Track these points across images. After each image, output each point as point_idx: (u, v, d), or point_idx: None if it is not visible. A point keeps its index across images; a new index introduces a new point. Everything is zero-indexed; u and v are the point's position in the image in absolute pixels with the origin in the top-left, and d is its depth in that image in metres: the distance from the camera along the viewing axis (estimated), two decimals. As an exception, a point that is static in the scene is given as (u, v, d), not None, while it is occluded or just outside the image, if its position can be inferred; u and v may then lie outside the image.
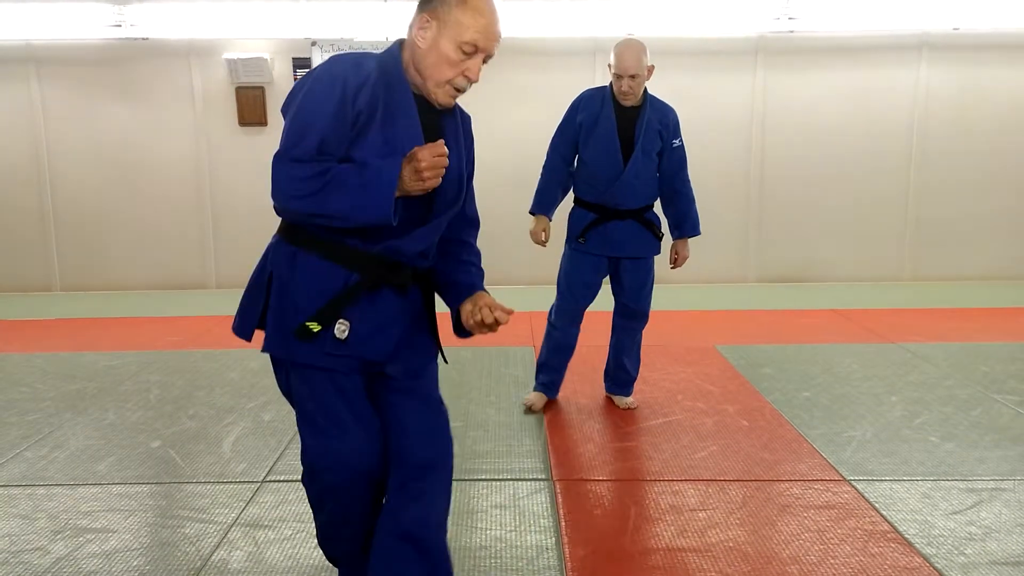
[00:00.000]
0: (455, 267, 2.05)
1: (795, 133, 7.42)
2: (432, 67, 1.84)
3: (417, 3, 1.88)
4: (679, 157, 3.68)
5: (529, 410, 3.84)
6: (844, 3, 7.02)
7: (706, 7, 7.03)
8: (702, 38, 7.22)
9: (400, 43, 1.92)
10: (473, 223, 2.12)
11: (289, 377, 1.97)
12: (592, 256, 3.69)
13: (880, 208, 7.53)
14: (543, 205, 3.71)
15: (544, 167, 3.72)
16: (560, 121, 3.68)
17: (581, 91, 3.72)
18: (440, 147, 1.76)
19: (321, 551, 2.14)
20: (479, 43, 1.83)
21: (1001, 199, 7.49)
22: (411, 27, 1.87)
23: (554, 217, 3.78)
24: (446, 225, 1.98)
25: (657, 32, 7.10)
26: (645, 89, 3.60)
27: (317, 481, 1.97)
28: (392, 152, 1.80)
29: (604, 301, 3.85)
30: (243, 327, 1.99)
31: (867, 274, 7.60)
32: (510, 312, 1.89)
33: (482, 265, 2.10)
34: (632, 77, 3.45)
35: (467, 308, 1.95)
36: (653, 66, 3.53)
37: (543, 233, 3.68)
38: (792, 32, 7.14)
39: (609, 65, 3.52)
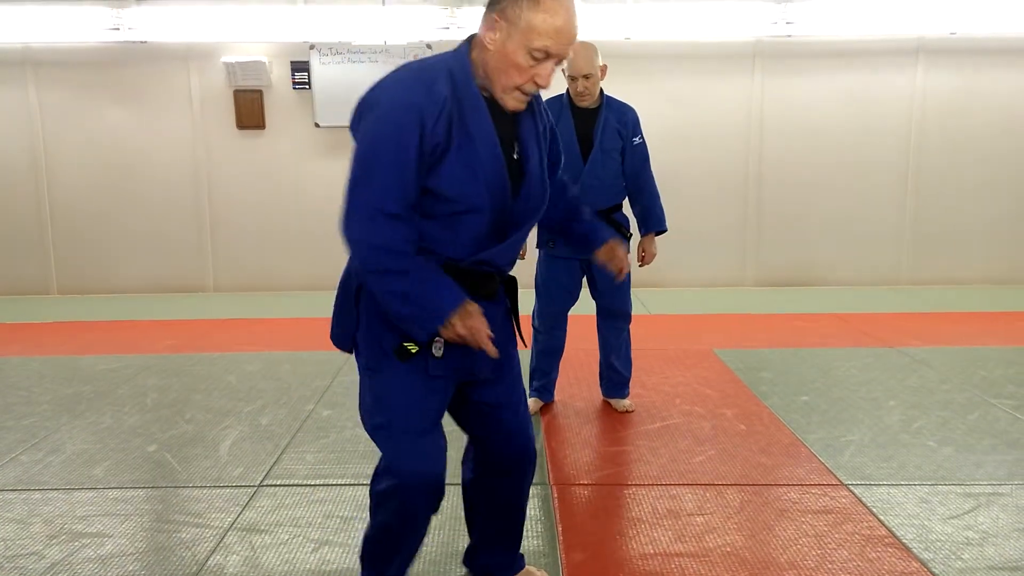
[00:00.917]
0: (585, 224, 2.26)
1: (793, 137, 7.44)
2: (500, 72, 1.77)
3: (487, 1, 1.79)
4: (641, 154, 3.72)
5: None
6: (841, 8, 7.04)
7: (704, 12, 7.04)
8: (700, 42, 7.24)
9: (470, 40, 1.84)
10: (568, 185, 2.23)
11: (373, 385, 1.95)
12: (564, 260, 3.72)
13: (877, 212, 7.54)
14: None
15: None
16: None
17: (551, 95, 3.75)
18: (478, 324, 1.79)
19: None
20: (551, 49, 1.73)
21: (998, 203, 7.50)
22: (481, 24, 1.79)
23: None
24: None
25: (655, 36, 7.12)
26: (601, 90, 3.66)
27: (398, 488, 1.92)
28: (474, 176, 1.79)
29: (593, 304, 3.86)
30: (343, 338, 1.98)
31: (865, 278, 7.60)
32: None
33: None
34: (586, 77, 3.51)
35: (605, 256, 2.23)
36: (606, 66, 3.60)
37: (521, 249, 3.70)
38: (790, 36, 7.16)
39: (563, 69, 3.56)
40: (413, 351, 1.84)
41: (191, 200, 7.49)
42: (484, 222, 1.84)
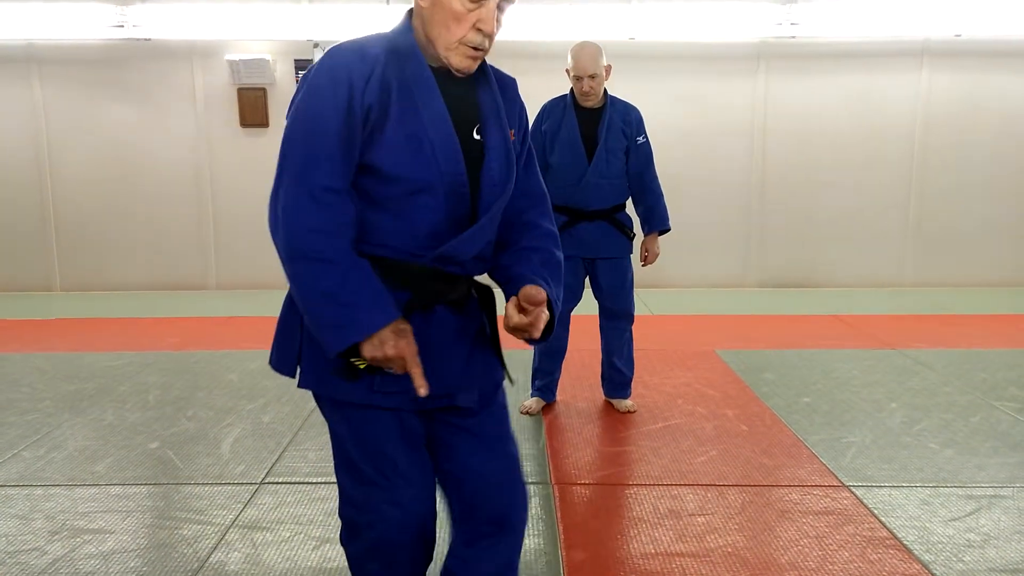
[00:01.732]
0: (514, 258, 1.73)
1: (797, 138, 7.43)
2: (439, 26, 1.55)
3: None
4: (645, 153, 3.73)
5: (527, 414, 3.85)
6: (846, 9, 7.03)
7: (709, 12, 7.04)
8: (705, 43, 7.23)
9: (410, 12, 1.64)
10: (536, 198, 1.79)
11: (332, 417, 1.68)
12: (567, 259, 3.71)
13: (881, 213, 7.53)
14: None
15: None
16: None
17: (556, 95, 3.76)
18: (410, 347, 1.50)
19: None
20: None
21: (1001, 205, 7.50)
22: None
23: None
24: (503, 212, 1.70)
25: (661, 37, 7.12)
26: (605, 90, 3.68)
27: (361, 539, 1.66)
28: (419, 148, 1.54)
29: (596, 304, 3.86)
30: (281, 362, 1.71)
31: (868, 279, 7.60)
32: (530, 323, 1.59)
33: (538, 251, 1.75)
34: (591, 77, 3.53)
35: (523, 298, 1.57)
36: (610, 66, 3.62)
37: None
38: (794, 37, 7.15)
39: (567, 69, 3.57)
40: (361, 367, 1.54)
41: (194, 197, 7.50)
42: (439, 208, 1.58)
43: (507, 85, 1.74)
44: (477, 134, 1.63)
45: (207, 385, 4.36)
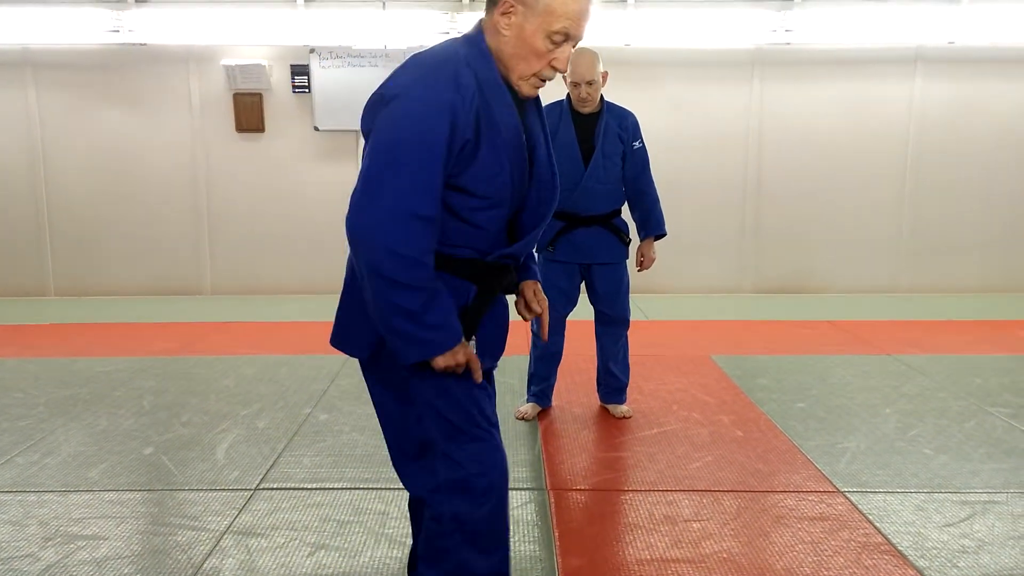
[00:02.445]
0: None
1: (791, 144, 7.45)
2: (518, 58, 1.70)
3: None
4: (641, 159, 3.74)
5: (523, 419, 3.84)
6: (840, 16, 7.06)
7: (704, 19, 7.06)
8: (701, 49, 7.26)
9: (481, 27, 1.76)
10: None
11: (412, 389, 1.84)
12: (562, 264, 3.73)
13: (876, 220, 7.55)
14: None
15: None
16: None
17: (552, 101, 3.77)
18: (474, 357, 1.77)
19: None
20: (570, 30, 1.68)
21: (995, 212, 7.53)
22: (491, 9, 1.72)
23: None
24: None
25: (656, 43, 7.14)
26: (602, 96, 3.68)
27: (470, 493, 1.82)
28: (500, 172, 1.73)
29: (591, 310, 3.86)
30: (352, 345, 1.90)
31: (863, 286, 7.62)
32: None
33: None
34: (588, 83, 3.54)
35: (529, 294, 1.96)
36: (607, 72, 3.63)
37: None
38: (789, 44, 7.18)
39: (564, 76, 3.57)
40: None
41: (190, 203, 7.49)
42: (505, 216, 1.80)
43: (536, 99, 1.90)
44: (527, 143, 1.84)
45: (202, 390, 4.35)
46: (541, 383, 3.94)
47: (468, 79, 1.67)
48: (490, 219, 1.77)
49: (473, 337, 1.83)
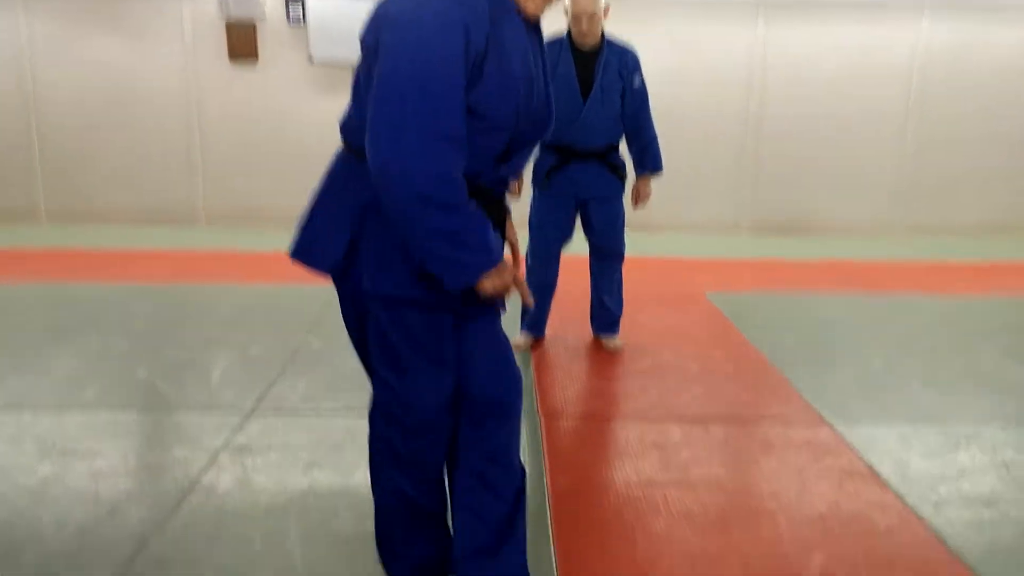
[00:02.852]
0: None
1: (794, 84, 7.37)
2: None
3: None
4: (640, 96, 3.70)
5: (516, 349, 3.87)
6: (848, -50, 6.91)
7: (708, -50, 6.91)
8: (703, -16, 7.12)
9: None
10: None
11: (378, 316, 1.77)
12: (558, 197, 3.71)
13: (875, 160, 7.52)
14: None
15: None
16: None
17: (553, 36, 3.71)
18: (508, 277, 1.68)
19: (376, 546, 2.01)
20: None
21: (996, 154, 7.50)
22: None
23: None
24: None
25: (657, -25, 6.99)
26: (603, 32, 3.62)
27: (397, 424, 1.82)
28: (507, 92, 1.65)
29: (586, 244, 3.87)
30: (318, 258, 1.85)
31: (860, 226, 7.62)
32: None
33: None
34: (590, 17, 3.48)
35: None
36: (609, 6, 3.56)
37: (516, 185, 3.68)
38: (794, -20, 7.04)
39: (565, 9, 3.52)
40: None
41: (182, 131, 7.40)
42: (505, 139, 1.72)
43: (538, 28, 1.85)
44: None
45: (195, 316, 4.37)
46: (536, 314, 3.97)
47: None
48: (488, 142, 1.70)
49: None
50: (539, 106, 1.80)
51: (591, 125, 3.63)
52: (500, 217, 1.82)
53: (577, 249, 4.00)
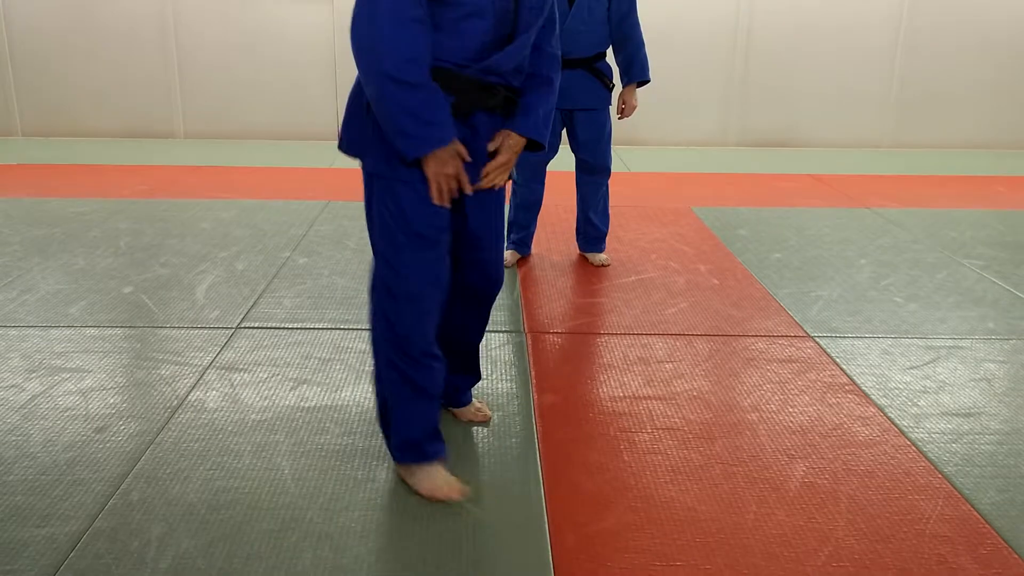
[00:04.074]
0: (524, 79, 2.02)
1: (785, -8, 7.18)
2: None
3: None
4: (627, 0, 3.59)
5: None
6: None
7: None
8: None
9: None
10: (553, 22, 2.05)
11: (383, 195, 1.95)
12: None
13: (865, 73, 7.40)
14: None
15: None
16: None
17: None
18: (457, 166, 1.86)
19: (376, 396, 2.17)
20: None
21: (986, 67, 7.39)
22: None
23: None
24: (534, 42, 1.98)
25: None
26: None
27: (393, 295, 1.98)
28: None
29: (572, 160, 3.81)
30: (351, 145, 1.99)
31: (848, 140, 7.56)
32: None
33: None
34: None
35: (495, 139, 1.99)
36: None
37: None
38: None
39: None
40: None
41: (158, 40, 7.16)
42: (488, 29, 1.85)
43: None
44: None
45: (179, 233, 4.32)
46: (521, 231, 3.94)
47: None
48: (469, 29, 1.84)
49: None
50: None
51: (576, 31, 3.52)
52: (494, 103, 1.94)
53: (563, 165, 3.95)
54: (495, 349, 2.96)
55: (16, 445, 2.25)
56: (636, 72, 3.68)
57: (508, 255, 3.92)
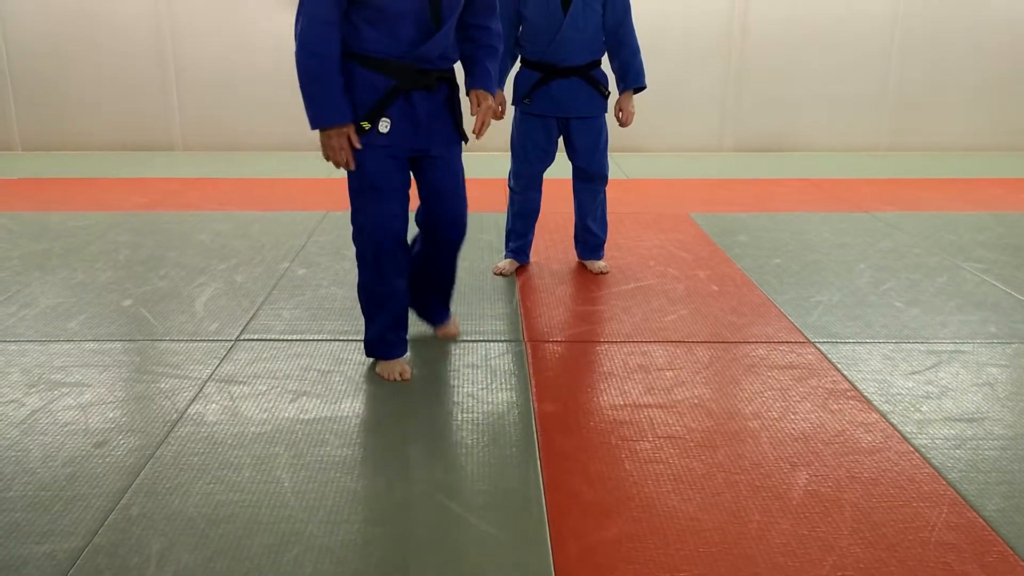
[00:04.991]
0: (476, 49, 2.69)
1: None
2: None
3: None
4: (622, 6, 3.58)
5: (500, 275, 3.86)
6: None
7: None
8: None
9: None
10: (490, 6, 2.66)
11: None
12: (540, 118, 3.64)
13: (861, 77, 7.41)
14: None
15: None
16: None
17: None
18: (342, 142, 2.50)
19: (360, 302, 2.83)
20: None
21: (982, 70, 7.40)
22: None
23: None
24: (461, 15, 2.57)
25: None
26: None
27: (363, 235, 2.67)
28: None
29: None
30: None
31: (845, 144, 7.57)
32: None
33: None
34: None
35: (472, 100, 2.68)
36: None
37: (500, 107, 3.58)
38: None
39: None
40: (366, 127, 2.50)
41: (156, 55, 7.18)
42: (412, 25, 2.45)
43: None
44: None
45: (178, 245, 4.31)
46: (519, 240, 3.94)
47: None
48: (398, 26, 2.45)
49: (386, 118, 2.51)
50: None
51: (572, 39, 3.51)
52: (427, 84, 2.55)
53: (560, 173, 3.95)
54: (495, 358, 2.95)
55: (16, 460, 2.24)
56: (632, 79, 3.68)
57: (507, 263, 3.91)
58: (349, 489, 2.12)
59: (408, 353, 2.88)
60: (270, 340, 3.10)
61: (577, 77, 3.59)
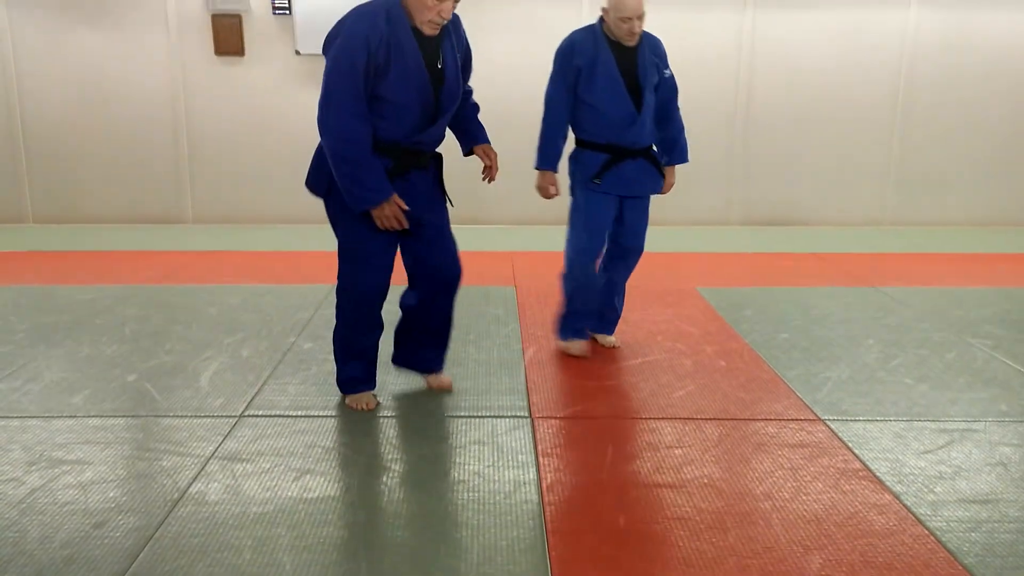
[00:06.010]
0: (463, 110, 3.08)
1: (782, 74, 7.34)
2: (417, 9, 2.70)
3: None
4: (671, 86, 3.67)
5: (576, 354, 3.77)
6: (836, -59, 6.88)
7: (696, -58, 6.86)
8: (691, -26, 7.07)
9: None
10: (468, 90, 3.10)
11: (344, 223, 2.90)
12: (607, 196, 3.63)
13: (864, 151, 7.51)
14: (549, 159, 3.61)
15: (545, 121, 3.59)
16: (552, 70, 3.57)
17: (571, 30, 3.63)
18: (397, 213, 2.80)
19: (336, 361, 3.16)
20: None
21: (985, 144, 7.49)
22: None
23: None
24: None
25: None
26: None
27: (347, 296, 2.99)
28: (406, 84, 2.75)
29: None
30: (316, 186, 2.94)
31: (849, 218, 7.61)
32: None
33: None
34: (639, 18, 3.40)
35: (480, 154, 3.10)
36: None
37: (552, 188, 3.62)
38: (783, -30, 7.00)
39: (605, 9, 3.44)
40: None
41: (169, 128, 7.32)
42: (416, 114, 2.81)
43: (456, 23, 2.92)
44: (439, 65, 2.83)
45: (185, 319, 4.32)
46: (587, 319, 3.81)
47: (382, 21, 2.67)
48: (402, 116, 2.79)
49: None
50: (449, 84, 2.86)
51: (644, 125, 3.56)
52: (423, 163, 2.91)
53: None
54: (502, 434, 2.92)
55: (13, 542, 2.20)
56: (678, 155, 3.75)
57: (577, 344, 3.78)
58: (351, 573, 2.07)
59: (375, 387, 3.23)
60: (275, 416, 3.07)
61: (643, 158, 3.63)
